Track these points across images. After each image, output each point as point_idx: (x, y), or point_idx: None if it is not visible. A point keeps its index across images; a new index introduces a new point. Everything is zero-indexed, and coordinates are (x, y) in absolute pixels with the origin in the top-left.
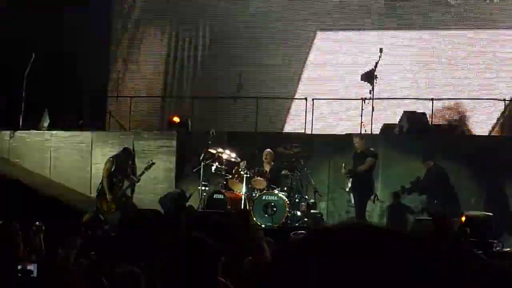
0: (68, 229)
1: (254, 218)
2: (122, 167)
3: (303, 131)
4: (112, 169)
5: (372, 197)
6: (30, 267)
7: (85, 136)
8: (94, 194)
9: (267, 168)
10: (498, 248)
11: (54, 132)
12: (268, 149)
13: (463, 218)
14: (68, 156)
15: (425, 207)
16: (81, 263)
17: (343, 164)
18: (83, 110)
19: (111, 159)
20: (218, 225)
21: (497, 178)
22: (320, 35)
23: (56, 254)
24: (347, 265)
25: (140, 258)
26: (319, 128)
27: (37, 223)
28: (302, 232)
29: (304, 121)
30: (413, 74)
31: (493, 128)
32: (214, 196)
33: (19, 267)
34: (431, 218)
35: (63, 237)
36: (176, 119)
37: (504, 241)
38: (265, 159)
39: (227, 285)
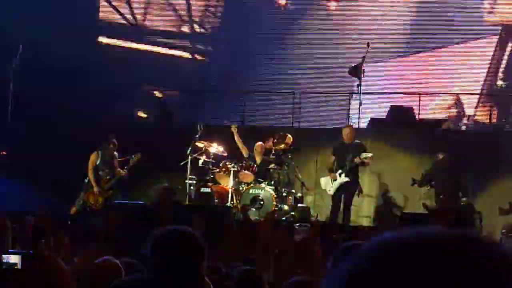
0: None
1: None
2: (108, 160)
3: (291, 125)
4: (98, 162)
5: (357, 191)
6: (15, 259)
7: None
8: None
9: (258, 159)
10: None
11: None
12: (259, 142)
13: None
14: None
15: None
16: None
17: (371, 155)
18: None
19: (96, 151)
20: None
21: (484, 172)
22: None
23: (42, 246)
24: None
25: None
26: (306, 122)
27: (27, 216)
28: (306, 225)
29: (292, 115)
30: (401, 68)
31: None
32: (201, 190)
33: (4, 260)
34: (416, 212)
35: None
36: None
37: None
38: (256, 150)
39: (209, 284)
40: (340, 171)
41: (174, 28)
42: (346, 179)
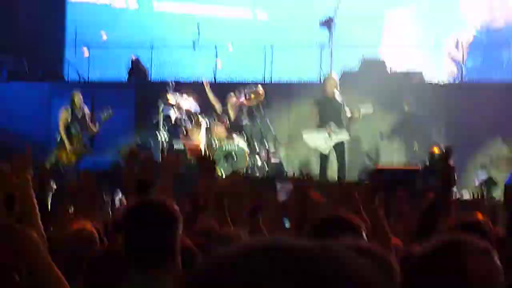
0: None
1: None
2: (80, 117)
3: (262, 80)
4: (69, 119)
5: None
6: None
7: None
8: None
9: (231, 114)
10: (458, 197)
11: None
12: (233, 97)
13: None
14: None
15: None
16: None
17: (372, 109)
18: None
19: (67, 109)
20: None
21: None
22: None
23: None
24: None
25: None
26: (278, 75)
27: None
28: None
29: (264, 69)
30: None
31: None
32: (174, 146)
33: None
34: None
35: None
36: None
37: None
38: (229, 105)
39: (192, 247)
40: (334, 127)
41: None
42: (346, 135)
